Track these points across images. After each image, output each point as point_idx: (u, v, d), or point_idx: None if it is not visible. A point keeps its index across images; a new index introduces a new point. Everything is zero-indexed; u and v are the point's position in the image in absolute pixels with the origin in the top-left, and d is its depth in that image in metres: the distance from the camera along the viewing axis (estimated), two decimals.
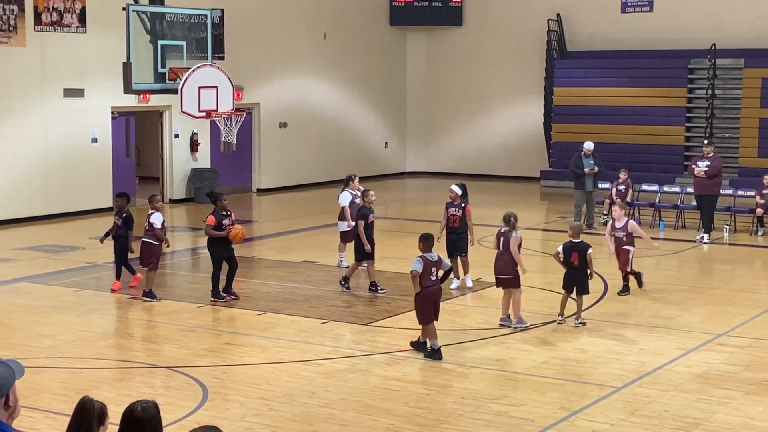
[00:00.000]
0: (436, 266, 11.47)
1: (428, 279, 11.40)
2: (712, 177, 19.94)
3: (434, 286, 11.49)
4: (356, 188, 16.83)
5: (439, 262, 11.57)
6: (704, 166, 19.98)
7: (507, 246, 12.95)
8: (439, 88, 32.77)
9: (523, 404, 9.96)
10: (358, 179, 17.19)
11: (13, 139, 21.96)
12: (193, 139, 26.06)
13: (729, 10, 28.29)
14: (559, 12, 30.35)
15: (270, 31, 27.85)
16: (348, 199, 16.66)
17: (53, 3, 22.16)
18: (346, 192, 16.80)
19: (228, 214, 14.41)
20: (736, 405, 9.97)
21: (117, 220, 15.32)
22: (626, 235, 14.97)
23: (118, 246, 15.31)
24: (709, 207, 20.00)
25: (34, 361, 11.29)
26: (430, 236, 11.73)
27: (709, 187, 19.99)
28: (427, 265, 11.37)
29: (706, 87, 28.17)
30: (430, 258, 11.44)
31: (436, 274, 11.52)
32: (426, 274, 11.36)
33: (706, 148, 20.60)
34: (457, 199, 15.23)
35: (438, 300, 11.61)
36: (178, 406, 9.84)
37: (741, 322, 13.38)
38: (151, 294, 14.57)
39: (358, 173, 17.80)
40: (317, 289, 15.25)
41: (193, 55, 17.35)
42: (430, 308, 11.48)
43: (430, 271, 11.40)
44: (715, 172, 19.96)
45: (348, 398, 10.16)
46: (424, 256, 11.44)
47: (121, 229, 15.20)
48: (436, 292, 11.52)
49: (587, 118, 29.20)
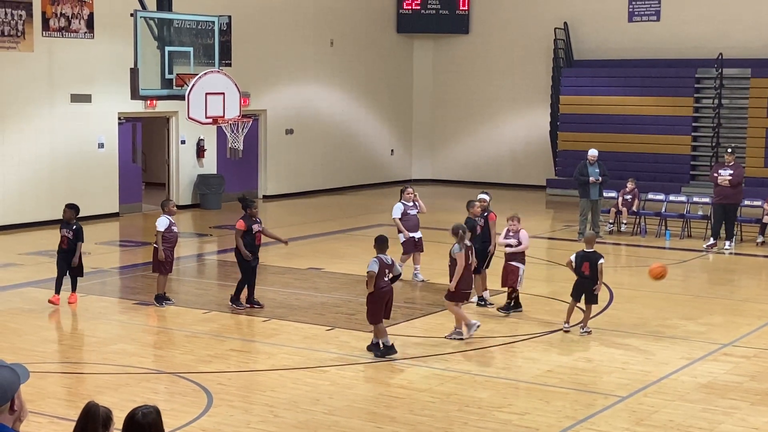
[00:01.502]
0: (389, 268, 11.83)
1: (382, 280, 11.79)
2: (735, 186, 19.87)
3: (387, 287, 11.86)
4: (410, 199, 16.52)
5: (392, 265, 11.93)
6: (727, 175, 19.88)
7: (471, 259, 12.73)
8: (446, 95, 32.77)
9: (527, 413, 9.95)
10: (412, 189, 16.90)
11: (21, 144, 22.01)
12: (200, 145, 26.10)
13: (736, 20, 28.28)
14: (566, 20, 30.36)
15: (277, 38, 27.90)
16: (399, 210, 16.45)
17: (61, 9, 22.22)
18: (399, 204, 16.58)
19: (258, 220, 14.46)
20: (741, 415, 9.95)
21: (67, 233, 14.64)
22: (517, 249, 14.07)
23: (65, 258, 14.66)
24: (732, 216, 19.92)
25: (40, 366, 11.29)
26: (382, 238, 12.02)
27: (733, 195, 19.91)
28: (383, 267, 11.76)
29: (713, 96, 28.15)
30: (385, 260, 11.80)
31: (388, 276, 11.84)
32: (381, 275, 11.75)
33: (729, 156, 20.45)
34: (479, 210, 14.69)
35: (390, 300, 11.95)
36: (182, 412, 9.85)
37: (747, 332, 13.36)
38: (160, 299, 14.59)
39: (363, 180, 17.80)
40: (322, 296, 15.24)
41: (201, 61, 17.36)
42: (381, 308, 11.85)
43: (384, 273, 11.79)
44: (738, 180, 19.90)
45: (352, 405, 10.15)
46: (380, 258, 11.79)
47: (72, 242, 14.65)
48: (388, 293, 11.89)
49: (594, 126, 29.18)
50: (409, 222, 16.41)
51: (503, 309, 14.16)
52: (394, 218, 16.46)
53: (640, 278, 17.06)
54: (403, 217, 16.39)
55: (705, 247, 19.89)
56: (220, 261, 19.15)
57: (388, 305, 11.95)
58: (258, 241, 14.41)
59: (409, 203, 16.55)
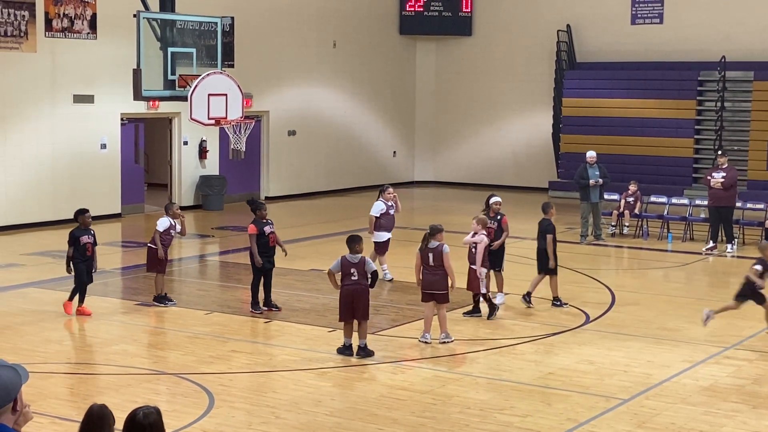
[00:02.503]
0: (357, 267, 11.90)
1: (347, 279, 11.89)
2: (728, 188, 19.85)
3: (352, 285, 11.89)
4: (389, 199, 16.63)
5: (362, 263, 11.95)
6: (720, 177, 19.87)
7: (440, 261, 12.61)
8: (448, 97, 32.78)
9: (529, 415, 9.94)
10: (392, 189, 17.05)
11: (23, 144, 22.03)
12: (202, 146, 26.11)
13: (739, 23, 28.27)
14: (569, 23, 30.36)
15: (280, 39, 27.91)
16: (379, 209, 16.51)
17: (64, 9, 22.24)
18: (379, 202, 16.67)
19: (269, 222, 14.36)
20: (743, 418, 9.94)
21: (89, 239, 14.09)
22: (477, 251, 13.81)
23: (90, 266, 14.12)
24: (727, 217, 19.90)
25: (41, 367, 11.30)
26: (353, 237, 12.07)
27: (726, 198, 19.90)
28: (346, 266, 11.89)
29: (716, 99, 28.13)
30: (350, 259, 11.92)
31: (358, 275, 11.87)
32: (345, 274, 11.86)
33: (721, 158, 20.45)
34: (495, 212, 14.75)
35: (357, 300, 11.90)
36: (184, 413, 9.85)
37: (749, 335, 13.34)
38: (161, 299, 14.60)
39: (365, 182, 17.85)
40: (324, 298, 15.24)
41: (203, 62, 17.38)
42: (348, 307, 11.92)
43: (349, 271, 11.87)
44: (731, 182, 19.87)
45: (354, 407, 10.14)
46: (345, 257, 11.95)
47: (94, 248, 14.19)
48: (354, 292, 11.89)
49: (596, 129, 29.16)
50: (388, 222, 16.57)
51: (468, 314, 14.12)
52: (372, 216, 16.50)
53: (642, 281, 17.06)
54: (382, 216, 16.48)
55: (704, 250, 19.86)
56: (222, 262, 19.16)
57: (356, 305, 11.87)
58: (272, 243, 14.30)
59: (389, 203, 16.61)
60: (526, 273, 15.52)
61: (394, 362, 11.85)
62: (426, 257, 12.63)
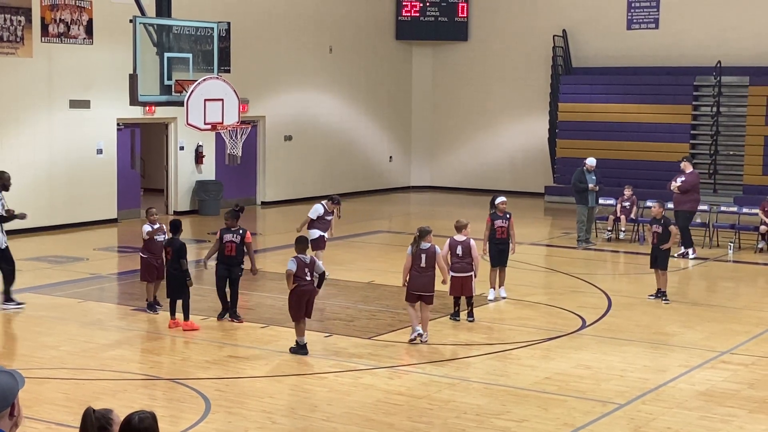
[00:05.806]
0: (309, 267, 12.23)
1: (302, 278, 12.16)
2: (685, 192, 19.95)
3: (307, 285, 12.21)
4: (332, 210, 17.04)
5: (312, 263, 12.31)
6: (679, 182, 20.06)
7: (432, 262, 12.80)
8: (445, 102, 32.80)
9: (525, 420, 9.94)
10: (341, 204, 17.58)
11: (19, 149, 22.00)
12: (198, 151, 26.10)
13: (735, 28, 28.32)
14: (564, 28, 30.40)
15: (276, 44, 27.92)
16: (317, 213, 16.79)
17: (60, 14, 22.24)
18: (321, 206, 16.94)
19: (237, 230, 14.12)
20: (739, 423, 9.95)
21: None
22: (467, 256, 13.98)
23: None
24: (683, 222, 19.68)
25: (38, 372, 11.29)
26: (302, 239, 12.53)
27: (682, 202, 19.99)
28: (301, 266, 12.16)
29: (711, 104, 28.18)
30: (303, 259, 12.22)
31: (310, 275, 12.21)
32: (300, 273, 12.12)
33: (683, 163, 20.61)
34: (502, 211, 15.52)
35: (311, 299, 12.31)
36: (180, 418, 9.84)
37: (745, 340, 13.36)
38: (151, 306, 14.56)
39: (362, 187, 17.93)
40: (320, 303, 15.22)
41: (200, 67, 17.36)
42: (302, 306, 12.22)
43: (303, 271, 12.17)
44: (687, 187, 19.96)
45: (351, 412, 10.14)
46: (299, 257, 12.22)
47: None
48: (309, 292, 12.25)
49: (592, 134, 29.21)
50: (324, 225, 16.87)
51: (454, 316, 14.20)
52: (309, 216, 16.78)
53: (639, 285, 17.07)
54: (318, 219, 16.77)
55: (676, 255, 19.49)
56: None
57: (309, 303, 12.30)
58: (230, 251, 14.02)
59: (331, 214, 16.98)
60: (522, 277, 15.53)
61: (390, 367, 11.85)
62: (418, 258, 12.79)
